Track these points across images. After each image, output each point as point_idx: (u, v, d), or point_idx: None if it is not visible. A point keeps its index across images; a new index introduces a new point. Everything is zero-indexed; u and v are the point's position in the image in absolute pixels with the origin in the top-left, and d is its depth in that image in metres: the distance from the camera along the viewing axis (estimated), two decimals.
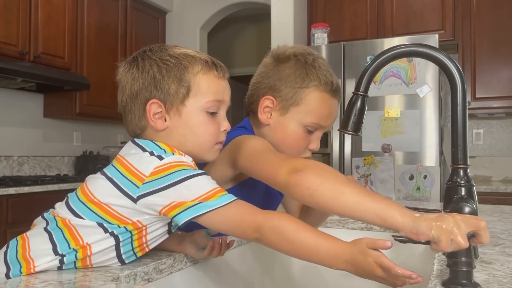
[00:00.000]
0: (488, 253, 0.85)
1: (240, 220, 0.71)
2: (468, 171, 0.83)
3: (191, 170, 0.73)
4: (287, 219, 0.70)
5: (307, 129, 1.00)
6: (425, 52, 0.85)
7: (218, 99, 0.82)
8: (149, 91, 0.79)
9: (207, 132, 0.81)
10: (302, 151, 1.02)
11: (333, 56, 2.91)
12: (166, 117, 0.80)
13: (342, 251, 0.66)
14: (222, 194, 0.71)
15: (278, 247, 0.70)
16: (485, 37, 3.07)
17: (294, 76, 1.01)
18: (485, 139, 3.38)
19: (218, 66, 0.84)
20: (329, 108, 1.01)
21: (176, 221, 0.71)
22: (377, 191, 2.73)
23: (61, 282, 0.66)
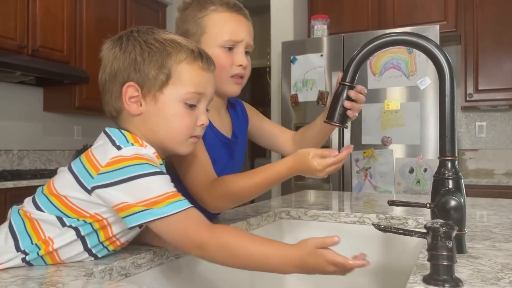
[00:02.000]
0: (476, 248, 0.82)
1: (183, 234, 0.69)
2: (456, 163, 0.80)
3: (146, 166, 0.70)
4: (233, 234, 0.70)
5: (226, 48, 1.04)
6: (412, 40, 0.83)
7: (199, 92, 0.79)
8: (128, 72, 0.77)
9: (182, 124, 0.78)
10: (230, 71, 1.05)
11: (332, 48, 2.88)
12: (142, 102, 0.77)
13: (291, 257, 0.67)
14: (171, 201, 0.68)
15: (225, 263, 0.71)
16: (488, 28, 3.02)
17: (193, 11, 1.07)
18: (488, 132, 3.33)
19: (205, 57, 0.81)
20: (234, 22, 1.05)
21: (126, 224, 0.69)
22: (376, 184, 2.71)
23: (31, 277, 0.65)
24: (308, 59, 2.94)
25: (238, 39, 1.06)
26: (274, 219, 1.28)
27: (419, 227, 1.16)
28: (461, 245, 0.79)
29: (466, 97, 3.07)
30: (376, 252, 1.20)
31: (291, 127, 2.98)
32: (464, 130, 3.40)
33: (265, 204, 1.43)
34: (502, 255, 0.77)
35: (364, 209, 1.33)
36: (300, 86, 2.96)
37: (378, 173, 2.71)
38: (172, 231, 0.69)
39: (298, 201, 1.50)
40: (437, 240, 0.61)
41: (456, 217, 0.74)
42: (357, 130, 2.77)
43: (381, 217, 1.21)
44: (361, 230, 1.23)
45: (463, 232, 0.79)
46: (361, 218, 1.23)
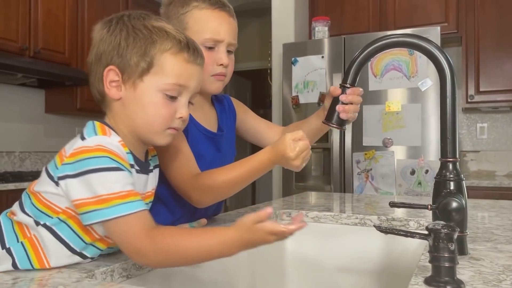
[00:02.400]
0: (478, 249, 0.82)
1: (125, 240, 0.68)
2: (458, 165, 0.80)
3: (105, 160, 0.69)
4: (171, 235, 0.69)
5: (207, 47, 1.03)
6: (413, 42, 0.83)
7: (180, 84, 0.77)
8: (111, 56, 0.76)
9: (158, 114, 0.77)
10: (211, 70, 1.04)
11: (333, 49, 2.88)
12: (122, 87, 0.77)
13: (231, 240, 0.69)
14: (120, 202, 0.67)
15: (169, 265, 0.72)
16: (489, 29, 3.02)
17: (176, 7, 1.05)
18: (489, 133, 3.33)
19: (192, 49, 0.79)
20: (215, 20, 1.03)
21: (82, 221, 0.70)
22: (378, 186, 2.70)
23: (33, 278, 0.65)
24: (309, 60, 2.94)
25: (219, 39, 1.04)
26: (275, 220, 1.28)
27: (420, 229, 1.16)
28: (462, 246, 0.79)
29: (467, 98, 3.07)
30: (377, 253, 1.20)
31: None
32: (465, 131, 3.40)
33: (266, 206, 1.43)
34: (503, 257, 0.77)
35: (366, 210, 1.33)
36: (301, 87, 2.96)
37: (379, 174, 2.70)
38: (116, 235, 0.69)
39: (299, 202, 1.50)
40: (439, 241, 0.61)
41: (458, 218, 0.74)
42: (358, 131, 2.76)
43: (382, 219, 1.21)
44: (362, 232, 1.23)
45: (464, 234, 0.79)
46: (362, 219, 1.23)
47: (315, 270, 1.27)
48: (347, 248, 1.24)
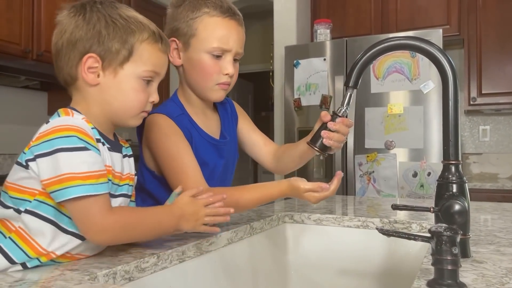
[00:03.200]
0: (481, 252, 0.82)
1: (87, 219, 0.72)
2: (460, 167, 0.80)
3: (72, 139, 0.71)
4: (130, 211, 0.79)
5: (214, 55, 1.03)
6: (415, 44, 0.83)
7: (155, 71, 0.84)
8: (90, 43, 0.79)
9: (136, 99, 0.82)
10: (216, 78, 1.05)
11: (335, 52, 2.88)
12: (100, 73, 0.80)
13: (174, 211, 0.82)
14: (84, 183, 0.70)
15: (126, 240, 0.79)
16: (491, 31, 3.02)
17: (185, 11, 1.05)
18: (491, 136, 3.32)
19: (164, 40, 0.86)
20: (225, 29, 1.03)
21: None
22: (380, 189, 2.70)
23: (36, 281, 0.65)
24: (311, 63, 2.94)
25: (226, 48, 1.03)
26: (277, 223, 1.28)
27: (423, 231, 1.15)
28: (465, 249, 0.79)
29: (469, 101, 3.07)
30: (379, 256, 1.20)
31: (294, 131, 2.98)
32: (468, 134, 3.39)
33: (268, 208, 1.43)
34: (506, 260, 0.76)
35: (368, 213, 1.33)
36: (303, 90, 2.96)
37: (382, 177, 2.70)
38: (77, 213, 0.72)
39: (301, 205, 1.50)
40: (442, 244, 0.60)
41: (460, 221, 0.74)
42: (361, 134, 2.76)
43: (384, 221, 1.20)
44: (364, 234, 1.22)
45: (467, 237, 0.79)
46: (364, 222, 1.23)
47: (317, 273, 1.27)
48: (350, 250, 1.24)
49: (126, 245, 0.88)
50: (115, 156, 0.84)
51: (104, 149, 0.80)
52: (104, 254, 0.81)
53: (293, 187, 0.98)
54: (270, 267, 1.22)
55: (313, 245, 1.28)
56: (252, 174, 6.33)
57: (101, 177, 0.73)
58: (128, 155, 0.92)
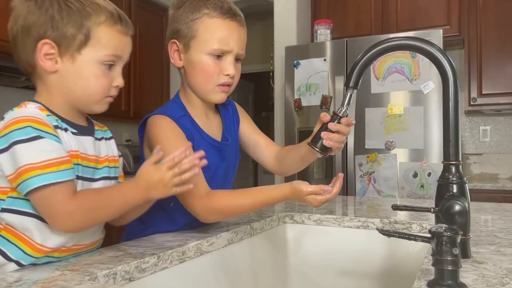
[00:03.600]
0: (481, 252, 0.82)
1: (52, 207, 0.71)
2: (460, 167, 0.80)
3: (26, 130, 0.71)
4: (91, 194, 0.77)
5: (215, 56, 1.02)
6: (415, 45, 0.83)
7: (117, 54, 0.81)
8: (44, 29, 0.77)
9: (98, 85, 0.80)
10: (216, 79, 1.04)
11: (336, 52, 2.88)
12: (57, 59, 0.78)
13: (137, 187, 0.79)
14: (45, 172, 0.69)
15: (95, 222, 0.78)
16: (492, 32, 3.02)
17: (186, 12, 1.03)
18: (492, 136, 3.32)
19: (124, 21, 0.83)
20: (225, 30, 1.02)
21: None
22: (380, 189, 2.70)
23: (36, 281, 0.65)
24: (311, 63, 2.94)
25: (227, 49, 1.02)
26: (277, 223, 1.28)
27: (423, 232, 1.15)
28: (465, 250, 0.78)
29: (470, 101, 3.06)
30: (380, 256, 1.20)
31: (295, 132, 2.98)
32: (468, 134, 3.39)
33: (269, 208, 1.43)
34: (507, 260, 0.76)
35: (368, 213, 1.33)
36: (304, 90, 2.96)
37: (382, 177, 2.70)
38: (42, 202, 0.71)
39: (301, 205, 1.50)
40: (442, 245, 0.60)
41: (461, 221, 0.74)
42: (361, 134, 2.76)
43: (385, 222, 1.20)
44: (365, 235, 1.22)
45: (467, 237, 0.79)
46: (365, 222, 1.23)
47: (318, 273, 1.27)
48: (350, 251, 1.24)
49: (126, 245, 0.88)
50: (85, 139, 0.82)
51: (68, 135, 0.78)
52: (105, 254, 0.81)
53: (295, 190, 0.97)
54: (270, 268, 1.22)
55: (314, 245, 1.28)
56: (252, 174, 6.33)
57: (63, 164, 0.72)
58: (106, 137, 0.90)
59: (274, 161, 1.22)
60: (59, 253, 0.77)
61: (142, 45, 3.94)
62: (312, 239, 1.29)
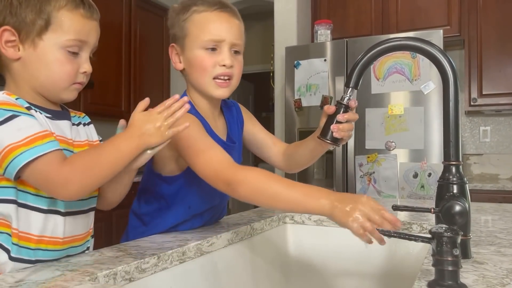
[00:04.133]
0: (482, 253, 0.82)
1: (45, 177, 0.71)
2: (461, 168, 0.80)
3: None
4: (82, 155, 0.76)
5: (209, 49, 1.00)
6: (415, 45, 0.83)
7: (81, 39, 0.80)
8: (3, 16, 0.76)
9: (62, 71, 0.79)
10: (212, 71, 1.01)
11: (336, 52, 2.88)
12: (20, 46, 0.77)
13: (130, 137, 0.78)
14: (26, 149, 0.69)
15: (92, 182, 0.75)
16: (492, 32, 3.01)
17: (178, 15, 1.05)
18: (492, 136, 3.32)
19: (87, 5, 0.81)
20: (214, 21, 1.01)
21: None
22: (380, 189, 2.70)
23: (36, 281, 0.65)
24: (311, 63, 2.94)
25: (219, 38, 1.00)
26: (278, 223, 1.28)
27: (423, 232, 1.15)
28: (466, 250, 0.78)
29: (470, 101, 3.06)
30: (380, 257, 1.20)
31: (295, 132, 2.98)
32: (468, 134, 3.39)
33: (269, 209, 1.43)
34: (507, 261, 0.76)
35: None
36: (304, 91, 2.96)
37: (382, 178, 2.70)
38: (35, 179, 0.71)
39: None
40: (442, 245, 0.60)
41: (461, 222, 0.74)
42: (361, 135, 2.76)
43: None
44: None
45: (468, 237, 0.79)
46: None
47: (318, 274, 1.27)
48: (350, 251, 1.24)
49: (127, 245, 0.88)
50: (61, 123, 0.82)
51: (42, 117, 0.78)
52: (105, 255, 0.81)
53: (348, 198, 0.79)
54: (270, 268, 1.22)
55: (314, 246, 1.28)
56: None
57: (47, 137, 0.72)
58: (84, 123, 0.90)
59: (283, 158, 1.22)
60: (53, 245, 0.78)
61: (142, 45, 3.94)
62: (312, 239, 1.29)
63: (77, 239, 0.84)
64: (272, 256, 1.23)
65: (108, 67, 3.55)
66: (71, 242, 0.82)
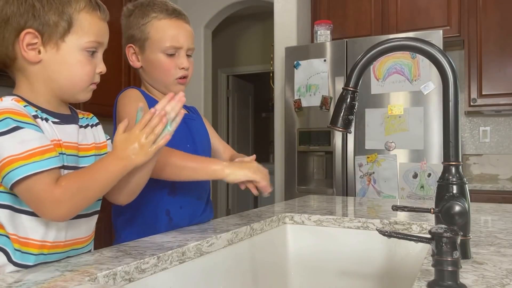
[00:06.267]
0: (481, 253, 0.82)
1: (37, 197, 0.70)
2: (461, 168, 0.80)
3: (6, 121, 0.70)
4: (73, 176, 0.75)
5: (167, 54, 1.13)
6: (415, 45, 0.83)
7: (98, 41, 0.82)
8: (25, 19, 0.76)
9: (84, 72, 0.80)
10: (174, 73, 1.15)
11: (336, 53, 2.88)
12: (41, 49, 0.77)
13: (117, 159, 0.79)
14: (23, 163, 0.68)
15: (83, 204, 0.76)
16: (492, 33, 3.02)
17: (136, 19, 1.14)
18: (492, 137, 3.32)
19: (102, 8, 0.84)
20: (174, 29, 1.14)
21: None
22: (380, 190, 2.70)
23: (36, 281, 0.65)
24: (311, 64, 2.94)
25: (178, 45, 1.14)
26: (277, 224, 1.28)
27: (423, 233, 1.15)
28: (465, 250, 0.78)
29: (469, 102, 3.06)
30: (379, 257, 1.20)
31: (295, 132, 2.98)
32: (468, 135, 3.39)
33: (269, 209, 1.43)
34: (507, 261, 0.76)
35: (368, 214, 1.33)
36: (304, 91, 2.96)
37: (382, 178, 2.70)
38: (25, 195, 0.71)
39: (301, 206, 1.50)
40: (442, 245, 0.60)
41: (461, 222, 0.74)
42: (361, 135, 2.76)
43: (385, 222, 1.20)
44: (365, 235, 1.22)
45: (467, 238, 0.79)
46: (365, 223, 1.23)
47: (318, 274, 1.27)
48: (350, 251, 1.24)
49: (126, 245, 0.88)
50: (68, 128, 0.82)
51: (49, 124, 0.78)
52: (104, 255, 0.81)
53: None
54: (270, 268, 1.22)
55: (313, 246, 1.28)
56: None
57: (47, 152, 0.72)
58: (92, 124, 0.90)
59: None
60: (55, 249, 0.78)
61: None
62: (312, 239, 1.29)
63: (79, 242, 0.84)
64: (272, 256, 1.23)
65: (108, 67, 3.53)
66: (73, 245, 0.82)
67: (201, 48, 4.39)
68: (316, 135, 2.90)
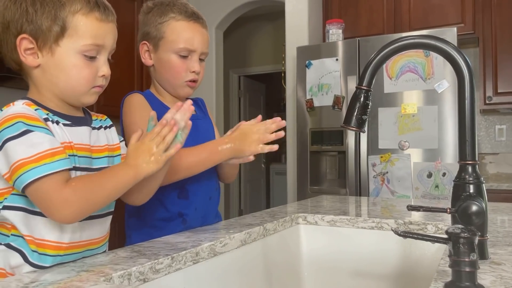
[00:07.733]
0: (499, 254, 0.81)
1: (47, 198, 0.71)
2: (477, 167, 0.79)
3: (18, 125, 0.70)
4: (82, 178, 0.76)
5: (180, 55, 1.13)
6: (430, 43, 0.82)
7: (97, 43, 0.79)
8: (20, 24, 0.76)
9: (80, 76, 0.79)
10: (184, 76, 1.15)
11: (348, 52, 2.86)
12: (38, 54, 0.77)
13: (127, 167, 0.79)
14: (34, 166, 0.69)
15: (92, 207, 0.76)
16: (507, 30, 2.97)
17: (154, 17, 1.15)
18: (508, 135, 3.27)
19: (102, 7, 0.80)
20: (190, 31, 1.14)
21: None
22: (394, 189, 2.67)
23: (52, 282, 0.66)
24: (323, 63, 2.93)
25: (192, 48, 1.13)
26: (291, 224, 1.27)
27: (439, 233, 1.14)
28: (483, 251, 0.77)
29: (485, 100, 3.02)
30: (395, 258, 1.19)
31: (307, 132, 2.97)
32: (484, 133, 3.34)
33: (282, 209, 1.42)
34: None
35: (382, 214, 1.32)
36: (316, 90, 2.95)
37: (396, 177, 2.67)
38: (35, 197, 0.71)
39: (314, 206, 1.49)
40: (459, 246, 0.59)
41: (478, 222, 0.72)
42: (374, 134, 2.74)
43: (399, 222, 1.19)
44: (379, 236, 1.21)
45: (485, 238, 0.78)
46: (379, 223, 1.22)
47: (332, 275, 1.26)
48: (364, 252, 1.23)
49: (140, 246, 0.89)
50: (80, 130, 0.82)
51: (60, 127, 0.78)
52: (119, 255, 0.82)
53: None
54: (283, 269, 1.21)
55: (327, 246, 1.27)
56: (264, 175, 6.33)
57: (57, 154, 0.72)
58: (105, 126, 0.90)
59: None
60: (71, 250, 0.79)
61: None
62: (326, 240, 1.28)
63: (94, 243, 0.84)
64: (285, 257, 1.23)
65: (121, 69, 3.57)
66: (88, 245, 0.82)
67: (213, 49, 4.40)
68: (329, 134, 2.88)
